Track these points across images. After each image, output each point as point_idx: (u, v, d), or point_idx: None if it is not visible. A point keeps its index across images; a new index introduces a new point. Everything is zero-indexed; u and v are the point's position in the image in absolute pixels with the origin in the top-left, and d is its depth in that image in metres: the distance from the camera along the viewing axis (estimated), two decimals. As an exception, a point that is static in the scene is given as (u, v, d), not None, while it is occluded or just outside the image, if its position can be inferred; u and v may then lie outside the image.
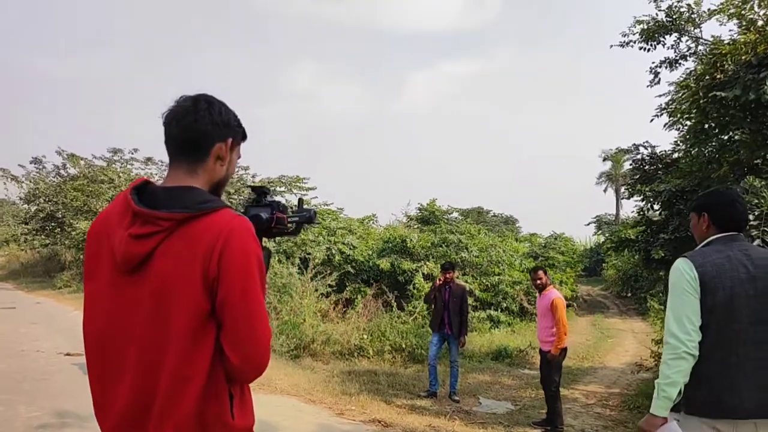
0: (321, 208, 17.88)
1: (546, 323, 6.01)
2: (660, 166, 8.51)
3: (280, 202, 1.71)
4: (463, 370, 9.69)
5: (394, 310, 12.08)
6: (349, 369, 9.17)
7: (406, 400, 7.28)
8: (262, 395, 6.39)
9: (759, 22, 6.18)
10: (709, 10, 7.68)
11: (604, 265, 26.90)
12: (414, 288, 13.24)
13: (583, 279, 26.81)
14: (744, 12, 6.45)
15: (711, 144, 6.62)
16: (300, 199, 1.88)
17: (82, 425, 4.77)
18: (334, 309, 12.03)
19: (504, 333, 13.81)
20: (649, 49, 8.99)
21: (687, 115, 6.37)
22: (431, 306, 8.11)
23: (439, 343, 7.72)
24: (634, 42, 9.16)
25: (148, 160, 21.45)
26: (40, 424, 4.84)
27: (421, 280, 13.37)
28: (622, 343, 13.85)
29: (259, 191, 1.71)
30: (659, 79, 9.18)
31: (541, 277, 6.24)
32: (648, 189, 8.14)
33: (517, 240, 21.94)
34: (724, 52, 5.55)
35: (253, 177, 21.34)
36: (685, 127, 7.69)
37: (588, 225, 39.76)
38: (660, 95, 8.21)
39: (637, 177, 8.71)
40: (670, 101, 7.61)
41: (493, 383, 8.93)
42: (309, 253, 13.30)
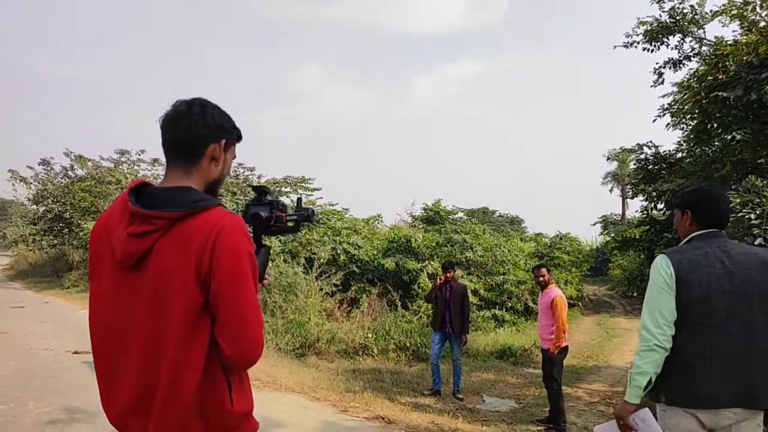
0: (326, 208, 17.92)
1: (547, 321, 6.04)
2: (664, 166, 8.53)
3: (280, 201, 1.77)
4: (468, 369, 9.73)
5: (398, 309, 12.10)
6: (353, 367, 9.22)
7: (409, 397, 7.32)
8: (267, 392, 6.46)
9: (761, 24, 6.20)
10: (712, 11, 7.69)
11: (610, 264, 26.78)
12: (419, 287, 13.26)
13: (589, 279, 26.69)
14: (746, 13, 6.46)
15: (714, 144, 6.64)
16: (299, 198, 1.95)
17: (90, 421, 4.85)
18: (339, 308, 12.09)
19: (509, 332, 13.84)
20: (652, 50, 8.99)
21: (689, 116, 6.39)
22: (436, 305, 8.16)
23: (441, 342, 7.75)
24: (638, 43, 9.16)
25: (155, 161, 21.48)
26: (50, 420, 4.93)
27: (426, 279, 13.38)
28: (627, 343, 13.81)
29: (260, 191, 1.77)
30: (663, 79, 9.18)
31: (544, 275, 6.26)
32: (652, 188, 8.16)
33: (522, 240, 21.92)
34: (725, 52, 5.57)
35: (258, 178, 21.39)
36: (689, 127, 7.70)
37: (594, 225, 39.56)
38: (663, 96, 8.21)
39: (640, 176, 8.72)
40: (672, 102, 7.61)
41: (497, 381, 8.95)
42: (314, 253, 13.35)
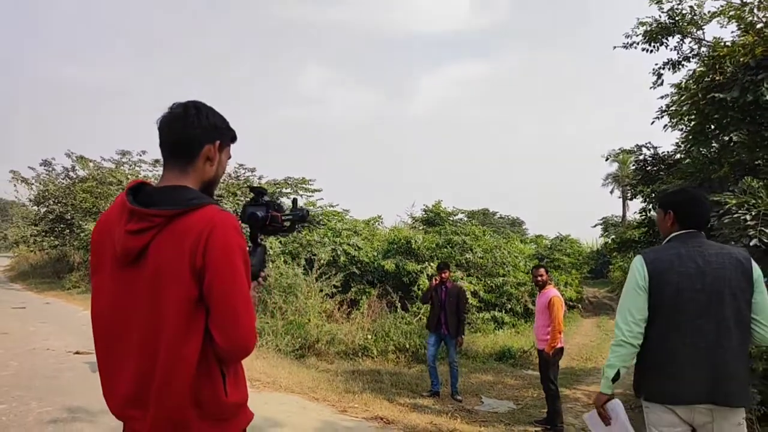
0: (327, 209, 17.94)
1: (543, 321, 6.06)
2: (663, 167, 8.54)
3: (276, 201, 1.83)
4: (466, 370, 9.75)
5: (398, 310, 12.13)
6: (353, 368, 9.24)
7: (408, 399, 7.35)
8: (267, 393, 6.50)
9: (758, 25, 6.23)
10: (710, 12, 7.72)
11: (610, 266, 26.78)
12: (418, 289, 13.29)
13: (589, 281, 26.71)
14: (743, 15, 6.49)
15: (712, 145, 6.67)
16: (294, 199, 2.00)
17: (91, 420, 4.89)
18: (339, 309, 12.11)
19: (508, 334, 13.87)
20: (652, 51, 9.01)
21: (687, 117, 6.42)
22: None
23: (437, 344, 7.75)
24: (638, 43, 9.18)
25: (156, 161, 21.46)
26: (52, 419, 4.96)
27: (426, 281, 13.40)
28: (626, 345, 13.83)
29: (257, 191, 1.82)
30: (662, 80, 9.21)
31: (542, 275, 6.29)
32: (650, 190, 8.18)
33: (522, 241, 21.95)
34: (722, 54, 5.61)
35: (259, 179, 21.38)
36: (687, 128, 7.73)
37: (595, 227, 39.42)
38: (661, 97, 8.23)
39: (639, 178, 8.74)
40: (670, 103, 7.64)
41: (496, 383, 8.97)
42: (314, 254, 13.39)
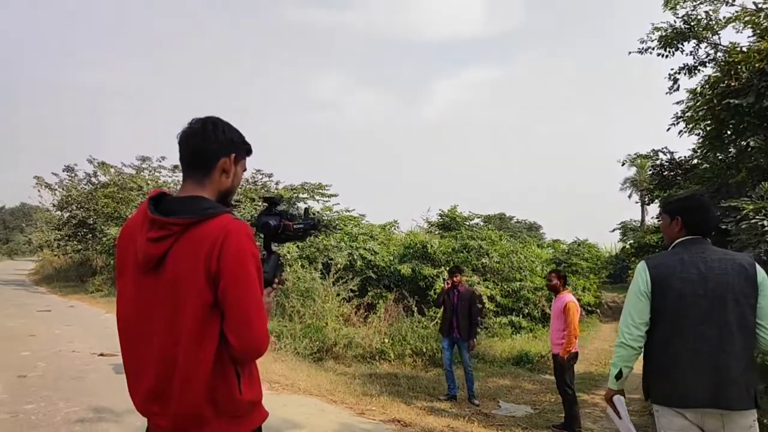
0: (343, 214, 18.06)
1: (558, 326, 6.10)
2: (680, 172, 8.51)
3: (288, 211, 1.94)
4: (484, 375, 9.78)
5: (414, 314, 12.20)
6: (370, 372, 9.32)
7: (425, 402, 7.42)
8: (286, 395, 6.61)
9: (773, 30, 6.22)
10: (725, 18, 7.70)
11: (629, 271, 26.49)
12: (434, 293, 13.34)
13: (608, 286, 26.46)
14: (758, 20, 6.48)
15: (729, 150, 6.65)
16: (306, 209, 2.11)
17: (117, 420, 5.05)
18: (356, 313, 12.23)
19: (525, 338, 13.84)
20: (667, 56, 9.01)
21: (703, 123, 6.41)
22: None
23: (451, 347, 7.82)
24: (653, 48, 9.19)
25: (175, 167, 21.74)
26: (78, 419, 5.13)
27: (442, 285, 13.47)
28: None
29: (271, 201, 1.93)
30: (678, 85, 9.19)
31: (552, 279, 6.38)
32: (667, 195, 8.15)
33: (539, 246, 21.85)
34: (737, 60, 5.60)
35: (276, 184, 21.57)
36: (704, 133, 7.70)
37: (613, 231, 38.98)
38: (677, 102, 8.22)
39: (656, 183, 8.71)
40: (685, 109, 7.63)
41: (514, 387, 8.98)
42: (331, 259, 13.50)
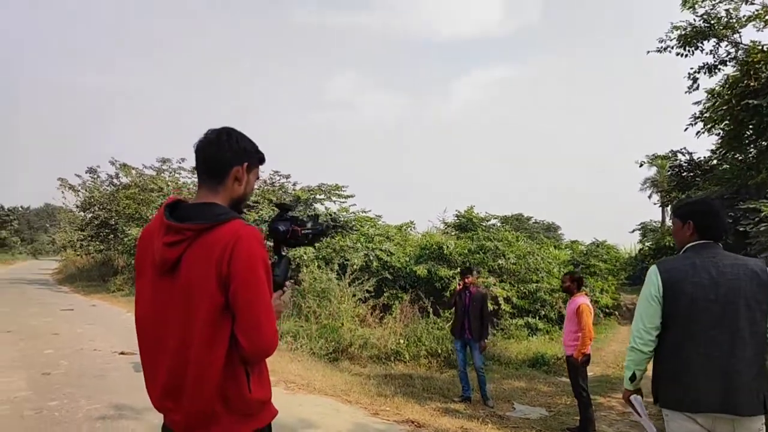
0: (359, 215, 18.11)
1: (571, 327, 6.10)
2: (699, 173, 8.40)
3: (298, 217, 2.02)
4: (499, 376, 9.76)
5: (430, 316, 12.21)
6: (385, 372, 9.36)
7: (440, 403, 7.43)
8: (302, 395, 6.69)
9: (795, 29, 6.10)
10: (745, 16, 7.56)
11: (648, 273, 26.08)
12: (450, 294, 13.34)
13: (627, 287, 26.11)
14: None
15: (749, 151, 6.55)
16: (316, 215, 2.19)
17: (137, 418, 5.16)
18: (372, 314, 12.28)
19: (542, 340, 13.75)
20: (686, 55, 8.87)
21: (720, 124, 6.32)
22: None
23: (463, 349, 7.82)
24: (672, 48, 9.06)
25: (195, 168, 22.11)
26: (100, 416, 5.25)
27: (458, 286, 13.44)
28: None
29: (282, 207, 2.02)
30: (698, 85, 9.05)
31: (566, 282, 6.40)
32: (685, 196, 8.05)
33: (557, 247, 21.66)
34: (756, 59, 5.51)
35: (294, 185, 21.74)
36: (724, 133, 7.59)
37: (632, 232, 38.40)
38: (695, 103, 8.10)
39: (674, 184, 8.60)
40: (703, 109, 7.52)
41: (529, 389, 8.94)
42: (347, 259, 13.58)
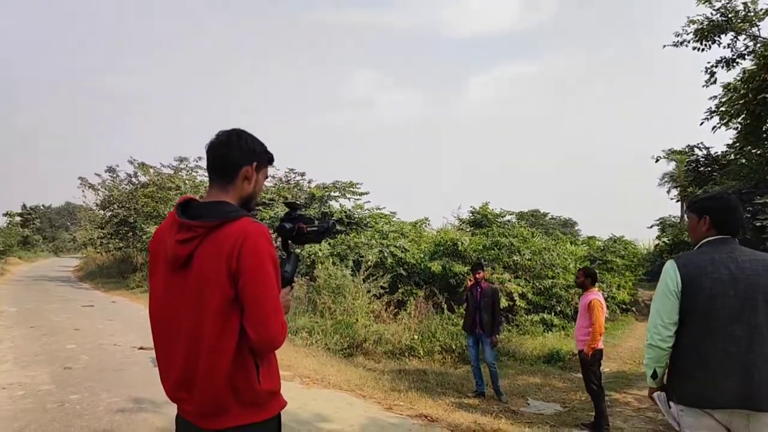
0: (374, 212, 18.17)
1: (583, 323, 6.11)
2: (716, 167, 8.29)
3: (305, 215, 2.11)
4: (513, 372, 9.76)
5: (444, 312, 12.23)
6: (399, 368, 9.41)
7: (453, 398, 7.47)
8: (316, 389, 6.78)
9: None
10: (764, 9, 7.44)
11: (667, 269, 25.70)
12: (463, 290, 13.34)
13: (645, 283, 25.84)
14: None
15: (766, 145, 6.46)
16: (323, 213, 2.26)
17: (155, 411, 5.30)
18: (386, 310, 12.32)
19: (557, 336, 13.67)
20: (703, 49, 8.75)
21: (737, 118, 6.24)
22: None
23: (476, 345, 7.84)
24: (688, 42, 8.93)
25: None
26: (119, 409, 5.40)
27: (469, 282, 13.43)
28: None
29: (291, 206, 2.10)
30: (715, 79, 8.92)
31: (580, 277, 6.43)
32: (702, 191, 7.96)
33: (573, 243, 21.50)
34: (773, 53, 5.45)
35: (309, 183, 21.92)
36: (742, 127, 7.49)
37: (651, 228, 37.86)
38: (711, 97, 7.98)
39: (691, 179, 8.51)
40: (719, 103, 7.42)
41: (543, 385, 8.93)
42: (362, 256, 13.66)
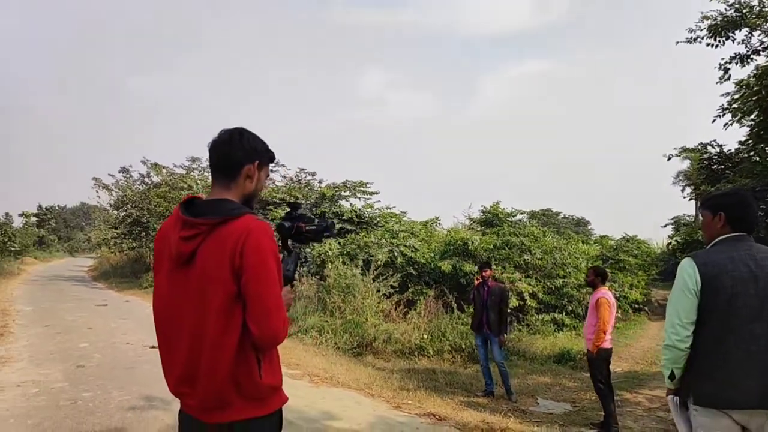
0: (384, 211, 18.17)
1: (591, 321, 6.09)
2: (729, 165, 8.19)
3: (305, 214, 2.13)
4: (523, 371, 9.72)
5: (454, 311, 12.20)
6: (408, 367, 9.41)
7: (462, 397, 7.45)
8: (325, 388, 6.80)
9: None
10: (777, 5, 7.34)
11: (681, 268, 25.38)
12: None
13: (659, 283, 25.56)
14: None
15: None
16: (323, 212, 2.28)
17: (166, 408, 5.34)
18: (396, 309, 12.33)
19: (568, 336, 13.58)
20: (717, 46, 8.65)
21: (749, 116, 6.15)
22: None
23: (485, 344, 7.81)
24: (702, 38, 8.83)
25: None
26: (131, 406, 5.47)
27: (476, 281, 13.39)
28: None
29: (292, 206, 2.13)
30: (729, 75, 8.80)
31: (590, 275, 6.42)
32: (714, 189, 7.88)
33: (585, 242, 21.34)
34: (786, 49, 5.37)
35: (320, 182, 21.93)
36: (755, 123, 7.39)
37: (665, 226, 37.36)
38: (724, 94, 7.89)
39: (703, 177, 8.42)
40: (731, 101, 7.32)
41: (553, 385, 8.88)
42: (372, 255, 13.67)
